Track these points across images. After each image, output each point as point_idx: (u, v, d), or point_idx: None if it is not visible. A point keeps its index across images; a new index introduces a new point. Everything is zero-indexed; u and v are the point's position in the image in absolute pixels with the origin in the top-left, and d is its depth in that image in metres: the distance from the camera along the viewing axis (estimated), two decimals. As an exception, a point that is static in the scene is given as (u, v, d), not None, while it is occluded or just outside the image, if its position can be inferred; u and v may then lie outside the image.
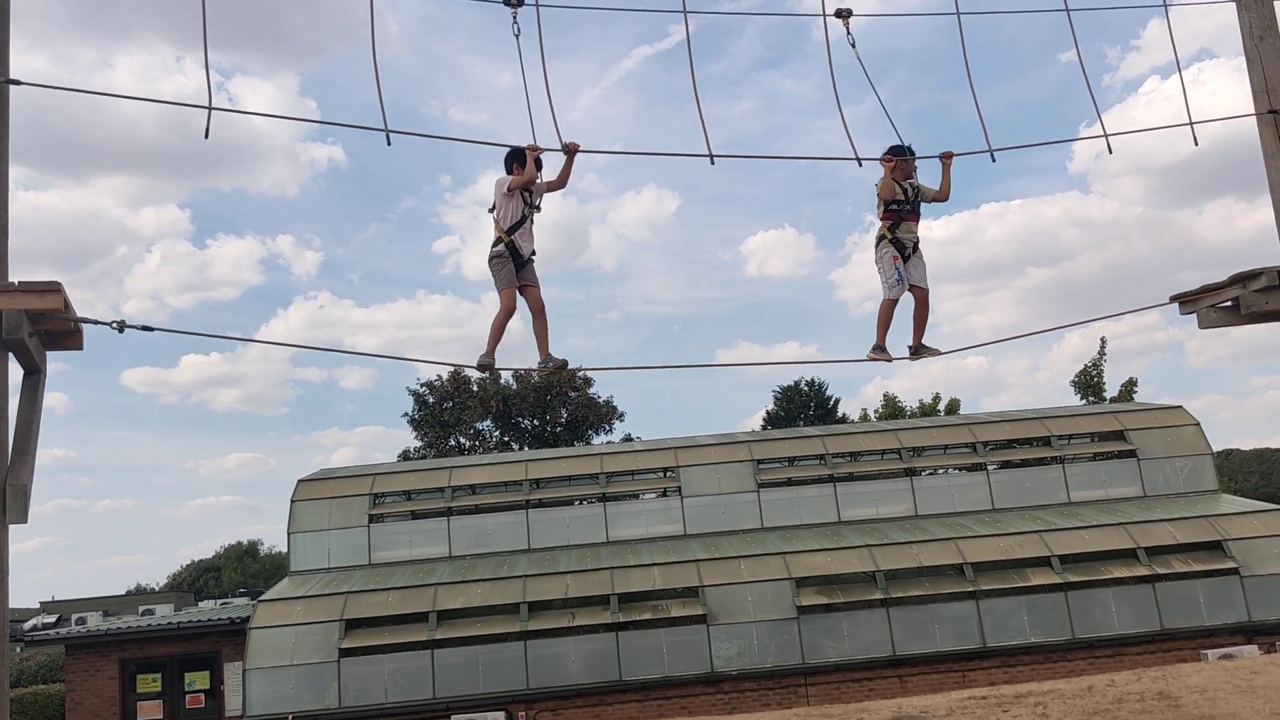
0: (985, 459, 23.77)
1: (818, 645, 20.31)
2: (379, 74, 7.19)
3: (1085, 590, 20.68)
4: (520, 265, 8.16)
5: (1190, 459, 23.68)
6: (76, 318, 6.21)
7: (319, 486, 23.65)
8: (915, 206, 8.98)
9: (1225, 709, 8.14)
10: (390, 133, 7.18)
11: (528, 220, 8.18)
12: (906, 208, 8.91)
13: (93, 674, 22.75)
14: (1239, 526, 21.45)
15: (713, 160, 7.89)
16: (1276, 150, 8.47)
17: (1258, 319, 8.43)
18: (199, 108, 6.71)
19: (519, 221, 8.15)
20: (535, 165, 7.96)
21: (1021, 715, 8.38)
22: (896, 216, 8.89)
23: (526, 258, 8.19)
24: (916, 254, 8.99)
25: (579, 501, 24.06)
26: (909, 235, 8.96)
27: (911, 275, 8.97)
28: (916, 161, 8.93)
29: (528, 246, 8.20)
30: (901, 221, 8.91)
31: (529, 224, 8.20)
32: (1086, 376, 38.39)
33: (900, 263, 8.88)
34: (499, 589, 20.95)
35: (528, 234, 8.19)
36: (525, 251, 8.18)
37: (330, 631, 20.28)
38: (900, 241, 8.91)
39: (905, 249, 8.92)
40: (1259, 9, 8.61)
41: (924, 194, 9.02)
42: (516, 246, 8.13)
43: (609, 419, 48.45)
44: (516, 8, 7.87)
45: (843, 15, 8.69)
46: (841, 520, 22.94)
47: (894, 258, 8.87)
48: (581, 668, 20.20)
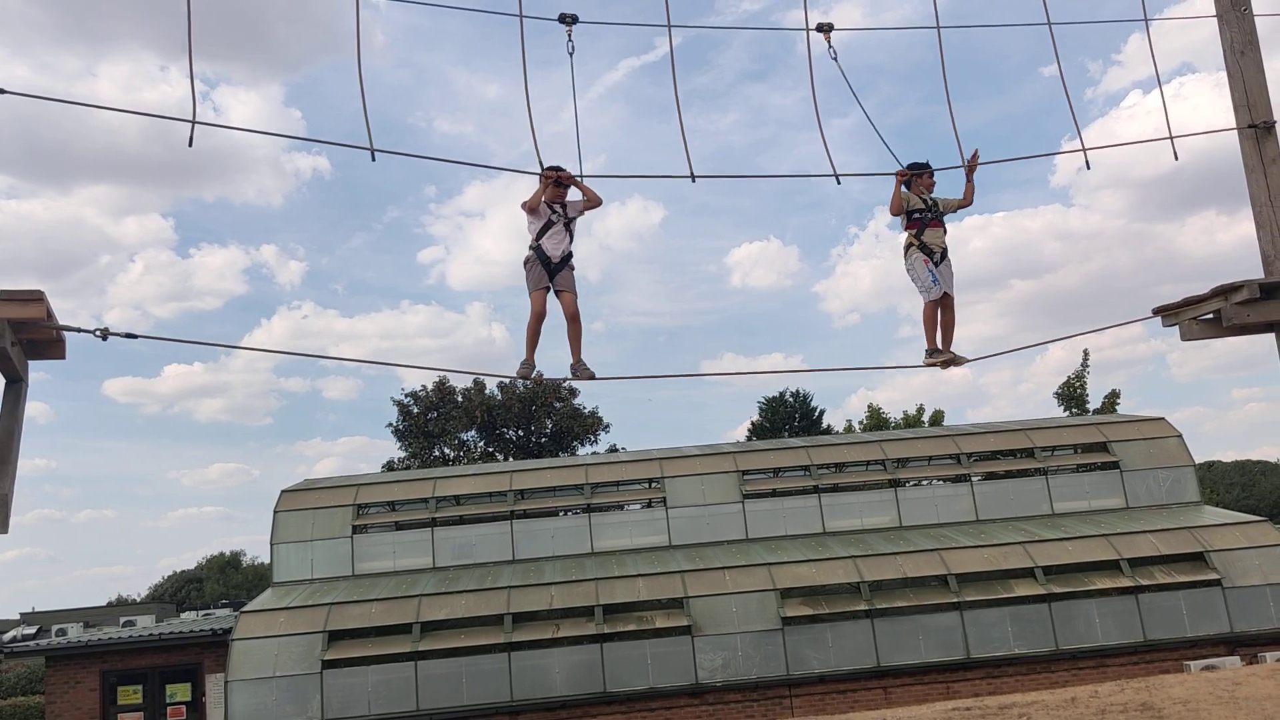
0: (969, 470, 23.84)
1: (802, 656, 20.31)
2: (364, 91, 7.19)
3: (1069, 601, 20.75)
4: (553, 270, 8.29)
5: (1173, 470, 23.79)
6: (59, 326, 6.18)
7: (302, 497, 23.56)
8: (938, 215, 9.26)
9: (1208, 720, 8.18)
10: (375, 151, 7.16)
11: (555, 225, 8.32)
12: (929, 215, 9.21)
13: (73, 685, 22.60)
14: (1221, 538, 21.56)
15: (694, 179, 8.01)
16: (1257, 164, 8.55)
17: (1239, 331, 8.50)
18: (183, 121, 6.69)
19: (544, 227, 8.32)
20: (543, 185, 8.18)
21: (1005, 726, 8.41)
22: (920, 224, 9.20)
23: (558, 260, 8.31)
24: (945, 260, 9.28)
25: (564, 512, 24.03)
26: (936, 241, 9.23)
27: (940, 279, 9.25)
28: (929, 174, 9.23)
29: (557, 249, 8.31)
30: (926, 228, 9.21)
31: (558, 227, 8.33)
32: (1069, 388, 38.57)
33: (932, 265, 9.18)
34: (483, 600, 20.88)
35: (556, 236, 8.34)
36: (555, 254, 8.30)
37: (313, 643, 20.17)
38: (928, 246, 9.20)
39: (934, 254, 9.21)
40: (1240, 24, 8.69)
41: (947, 205, 9.32)
42: (544, 250, 8.27)
43: (594, 430, 48.48)
44: (571, 25, 8.06)
45: (824, 30, 8.81)
46: (826, 531, 22.96)
47: (924, 261, 9.18)
48: (566, 679, 20.15)
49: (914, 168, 9.10)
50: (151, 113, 7.66)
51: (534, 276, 8.29)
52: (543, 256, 8.27)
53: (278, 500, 23.26)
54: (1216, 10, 8.83)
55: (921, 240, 9.20)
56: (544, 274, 8.26)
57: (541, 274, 8.26)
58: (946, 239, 9.30)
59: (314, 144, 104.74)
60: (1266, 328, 8.40)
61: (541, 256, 8.27)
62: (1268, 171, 8.51)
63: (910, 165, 9.11)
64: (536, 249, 8.29)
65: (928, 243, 9.20)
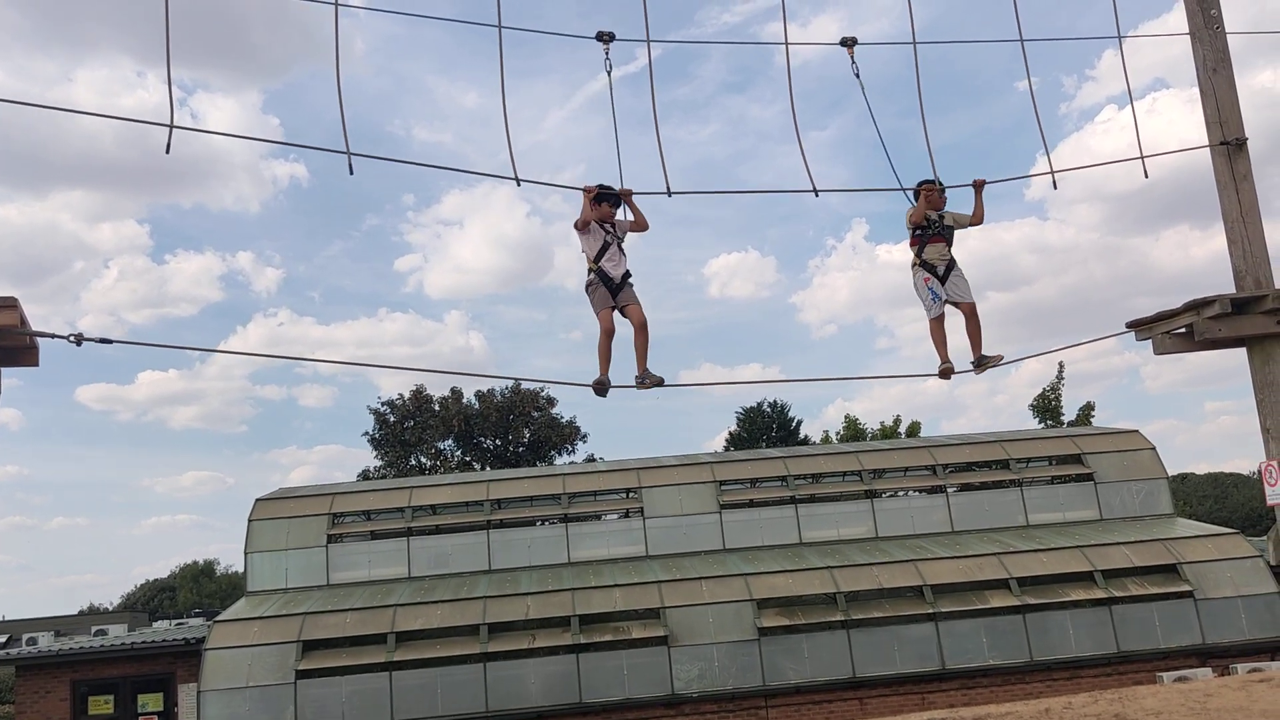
0: (945, 481, 23.94)
1: (779, 667, 20.32)
2: (342, 97, 7.18)
3: (1043, 612, 20.85)
4: (615, 289, 8.59)
5: (1146, 483, 23.97)
6: (32, 332, 6.14)
7: (277, 506, 23.42)
8: (941, 230, 9.37)
9: (1179, 731, 8.25)
10: (352, 155, 7.15)
11: (611, 245, 8.62)
12: (930, 231, 9.31)
13: (43, 695, 22.35)
14: (1194, 550, 21.72)
15: (670, 194, 8.26)
16: (1229, 180, 8.65)
17: (1211, 345, 8.60)
18: (160, 125, 6.67)
19: (602, 249, 8.60)
20: (587, 201, 8.49)
21: (979, 737, 8.45)
22: (921, 241, 9.32)
23: (619, 281, 8.61)
24: (955, 272, 9.36)
25: (540, 522, 23.97)
26: (938, 257, 9.33)
27: (951, 293, 9.34)
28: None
29: (618, 271, 8.62)
30: (926, 245, 9.31)
31: (614, 248, 8.63)
32: (1044, 400, 38.82)
33: (935, 283, 9.28)
34: (459, 610, 20.80)
35: (614, 258, 8.63)
36: (615, 275, 8.61)
37: (287, 653, 20.04)
38: (929, 263, 9.30)
39: (936, 269, 9.30)
40: (1212, 42, 8.80)
41: (958, 220, 9.45)
42: (605, 272, 8.58)
43: (572, 439, 48.39)
44: (608, 44, 8.28)
45: (848, 44, 8.98)
46: (803, 541, 23.00)
47: (926, 280, 9.30)
48: (542, 689, 20.08)
49: (926, 184, 9.20)
50: (129, 117, 7.63)
51: (599, 298, 8.59)
52: (605, 278, 8.57)
53: (252, 509, 23.11)
54: (1190, 28, 8.94)
55: (922, 258, 9.32)
56: (608, 294, 8.57)
57: (605, 295, 8.57)
58: (952, 251, 9.38)
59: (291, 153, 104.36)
60: (1237, 342, 8.50)
61: (604, 278, 8.57)
62: (1239, 188, 8.62)
63: (921, 183, 9.22)
64: (598, 271, 8.58)
65: (929, 259, 9.31)
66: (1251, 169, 8.68)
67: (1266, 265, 8.48)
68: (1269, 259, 8.51)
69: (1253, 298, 8.25)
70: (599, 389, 8.48)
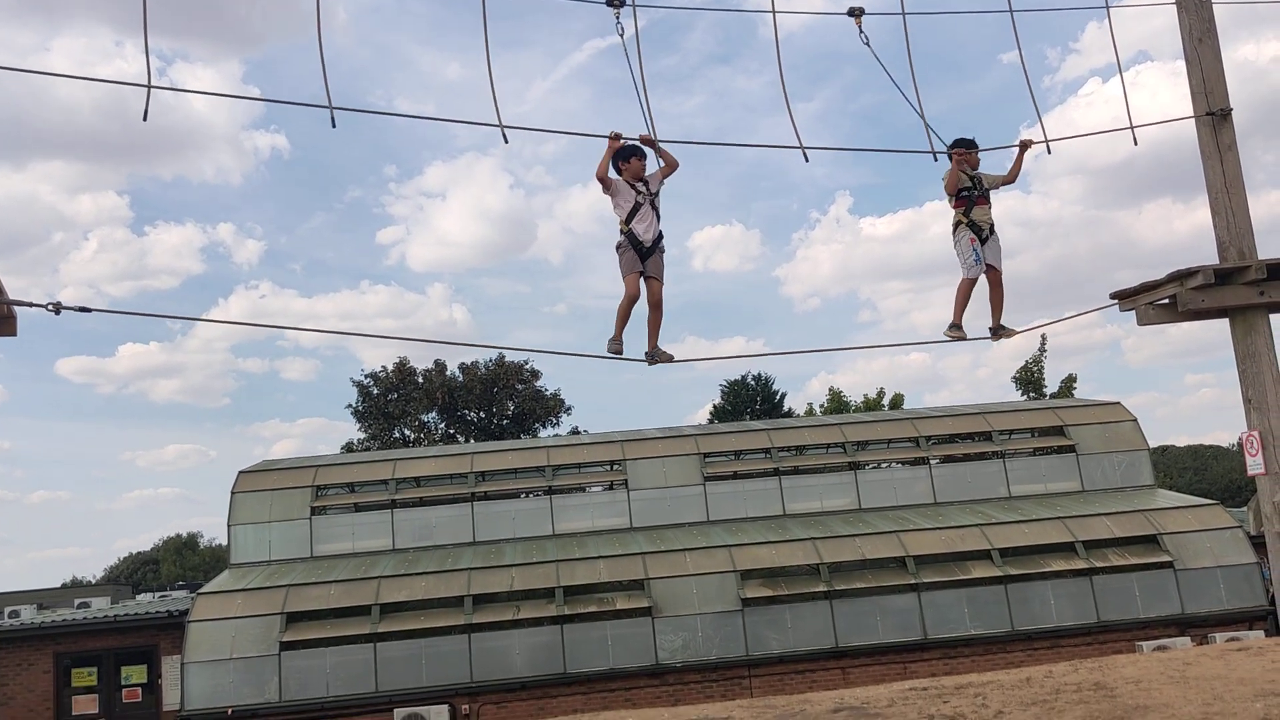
0: (928, 453, 24.03)
1: (762, 637, 20.43)
2: (324, 53, 7.10)
3: (1024, 583, 21.01)
4: (645, 254, 8.26)
5: (1127, 454, 24.12)
6: (10, 301, 6.07)
7: (260, 478, 23.35)
8: (984, 192, 9.35)
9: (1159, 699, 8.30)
10: (335, 109, 7.08)
11: (643, 205, 8.26)
12: (975, 193, 9.29)
13: (26, 668, 22.33)
14: (1173, 521, 21.90)
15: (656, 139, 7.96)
16: (1214, 151, 8.65)
17: (1194, 316, 8.62)
18: (138, 86, 6.59)
19: (633, 210, 8.25)
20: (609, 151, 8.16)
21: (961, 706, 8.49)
22: (968, 202, 9.28)
23: (650, 245, 8.27)
24: (993, 236, 9.37)
25: (525, 494, 24.00)
26: (984, 219, 9.32)
27: (986, 256, 9.33)
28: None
29: (649, 234, 8.26)
30: (974, 206, 9.28)
31: (645, 208, 8.27)
32: (1027, 373, 38.97)
33: (979, 244, 9.26)
34: (443, 582, 20.83)
35: (646, 218, 8.27)
36: (647, 238, 8.25)
37: (271, 625, 20.04)
38: (976, 224, 9.28)
39: (982, 231, 9.29)
40: (1199, 11, 8.78)
41: (991, 181, 9.42)
42: (636, 234, 8.23)
43: (556, 412, 48.37)
44: (619, 8, 8.05)
45: (855, 14, 8.86)
46: (786, 513, 23.08)
47: (971, 240, 9.27)
48: (526, 661, 20.15)
49: (959, 144, 9.14)
50: (107, 79, 7.53)
51: (628, 260, 8.23)
52: (634, 241, 8.22)
53: (235, 481, 23.04)
54: (1176, -3, 8.89)
55: (970, 218, 9.28)
56: (637, 258, 8.21)
57: (634, 258, 8.21)
58: (992, 214, 9.39)
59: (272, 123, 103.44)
60: (1220, 313, 8.52)
61: (634, 241, 8.22)
62: (1224, 158, 8.62)
63: (955, 142, 9.15)
64: (629, 234, 8.23)
65: (976, 220, 9.29)
66: (1236, 140, 8.68)
67: (1250, 236, 8.50)
68: (1252, 230, 8.52)
69: (1236, 268, 8.27)
70: (614, 353, 8.37)
